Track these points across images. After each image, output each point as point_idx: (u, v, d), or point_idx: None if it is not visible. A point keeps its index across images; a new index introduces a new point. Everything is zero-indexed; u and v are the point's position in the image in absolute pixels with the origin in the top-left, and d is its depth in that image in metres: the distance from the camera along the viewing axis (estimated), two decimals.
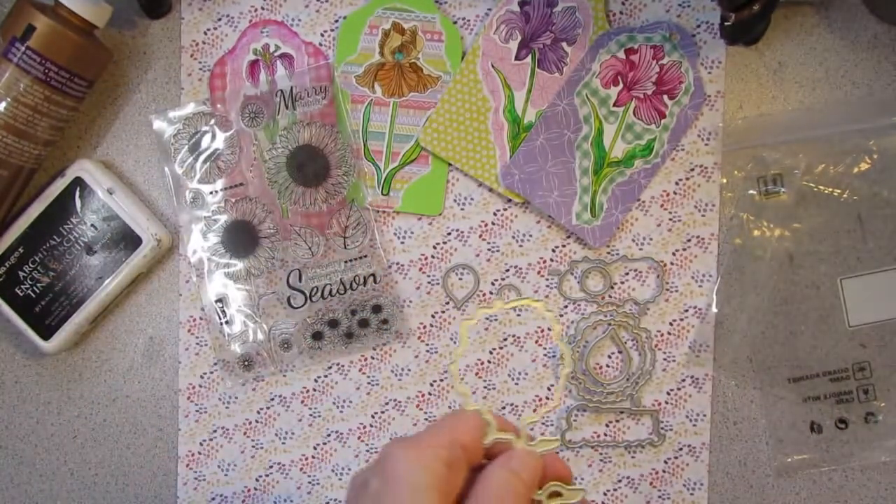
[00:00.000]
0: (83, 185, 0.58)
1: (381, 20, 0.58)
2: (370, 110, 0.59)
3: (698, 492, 0.59)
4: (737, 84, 0.58)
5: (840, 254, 0.57)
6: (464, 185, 0.59)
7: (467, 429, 0.37)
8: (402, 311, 0.59)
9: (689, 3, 0.57)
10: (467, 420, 0.37)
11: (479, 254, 0.59)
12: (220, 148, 0.59)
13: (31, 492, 0.62)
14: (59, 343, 0.58)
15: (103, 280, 0.58)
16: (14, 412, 0.61)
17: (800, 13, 0.58)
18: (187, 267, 0.60)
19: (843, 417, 0.57)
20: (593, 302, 0.59)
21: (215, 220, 0.59)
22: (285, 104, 0.58)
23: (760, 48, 0.58)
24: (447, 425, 0.37)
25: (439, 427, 0.36)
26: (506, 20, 0.58)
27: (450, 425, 0.37)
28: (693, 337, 0.59)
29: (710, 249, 0.58)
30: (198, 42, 0.59)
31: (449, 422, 0.37)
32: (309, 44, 0.59)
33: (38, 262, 0.58)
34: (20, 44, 0.52)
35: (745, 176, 0.57)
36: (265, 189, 0.59)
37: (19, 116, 0.53)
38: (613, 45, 0.57)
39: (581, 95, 0.57)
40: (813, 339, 0.57)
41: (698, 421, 0.59)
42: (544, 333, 0.59)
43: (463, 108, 0.58)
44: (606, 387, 0.59)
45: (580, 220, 0.58)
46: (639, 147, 0.57)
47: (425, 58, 0.58)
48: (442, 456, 0.34)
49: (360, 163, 0.59)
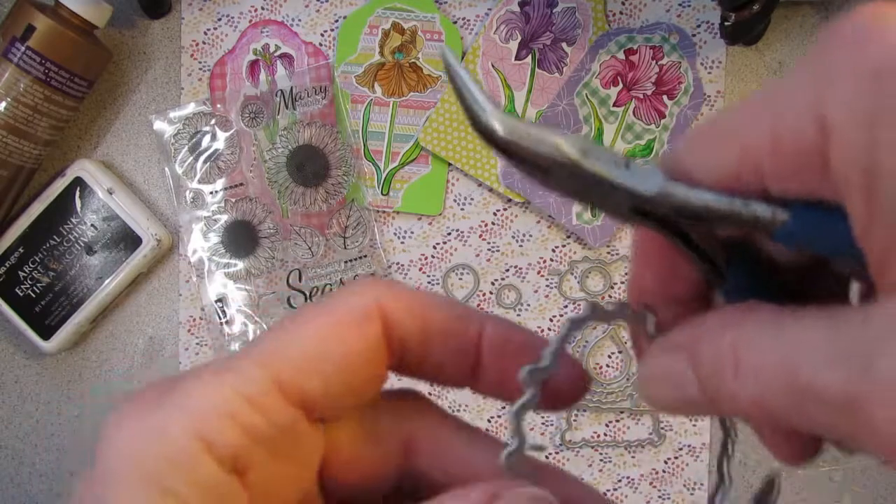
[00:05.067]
0: (83, 185, 0.58)
1: (380, 20, 0.58)
2: (370, 110, 0.59)
3: (698, 492, 0.59)
4: (737, 84, 0.58)
5: None
6: (464, 185, 0.59)
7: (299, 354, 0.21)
8: None
9: (689, 3, 0.57)
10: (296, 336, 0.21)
11: (479, 254, 0.59)
12: (220, 148, 0.59)
13: (31, 492, 0.62)
14: (59, 343, 0.58)
15: (103, 280, 0.58)
16: (14, 412, 0.61)
17: (800, 13, 0.58)
18: (187, 267, 0.60)
19: None
20: (593, 302, 0.59)
21: (215, 220, 0.59)
22: (285, 104, 0.58)
23: (760, 48, 0.58)
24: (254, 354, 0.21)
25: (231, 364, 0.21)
26: (506, 20, 0.58)
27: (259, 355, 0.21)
28: None
29: None
30: (198, 42, 0.59)
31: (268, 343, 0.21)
32: (309, 44, 0.59)
33: (38, 262, 0.58)
34: (20, 44, 0.52)
35: None
36: (265, 189, 0.59)
37: (19, 116, 0.53)
38: (613, 45, 0.57)
39: (581, 95, 0.57)
40: None
41: (698, 421, 0.59)
42: (544, 333, 0.59)
43: None
44: (606, 387, 0.59)
45: (580, 220, 0.58)
46: (639, 147, 0.57)
47: (425, 58, 0.58)
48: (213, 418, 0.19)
49: (360, 163, 0.59)
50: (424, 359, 0.23)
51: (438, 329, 0.23)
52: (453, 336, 0.23)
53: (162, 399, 0.20)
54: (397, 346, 0.22)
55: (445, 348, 0.23)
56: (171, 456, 0.19)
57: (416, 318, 0.22)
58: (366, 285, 0.22)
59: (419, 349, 0.23)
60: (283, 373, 0.20)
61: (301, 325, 0.21)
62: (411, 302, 0.22)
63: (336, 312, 0.22)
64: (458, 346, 0.23)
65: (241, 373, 0.20)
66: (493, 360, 0.23)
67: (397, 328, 0.22)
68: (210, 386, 0.20)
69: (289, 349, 0.21)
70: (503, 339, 0.23)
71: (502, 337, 0.23)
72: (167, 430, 0.19)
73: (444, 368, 0.23)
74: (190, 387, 0.20)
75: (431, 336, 0.22)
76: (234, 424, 0.19)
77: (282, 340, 0.21)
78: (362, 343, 0.21)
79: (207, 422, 0.19)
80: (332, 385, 0.21)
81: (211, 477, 0.19)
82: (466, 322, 0.23)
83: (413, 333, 0.22)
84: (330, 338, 0.21)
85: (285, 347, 0.21)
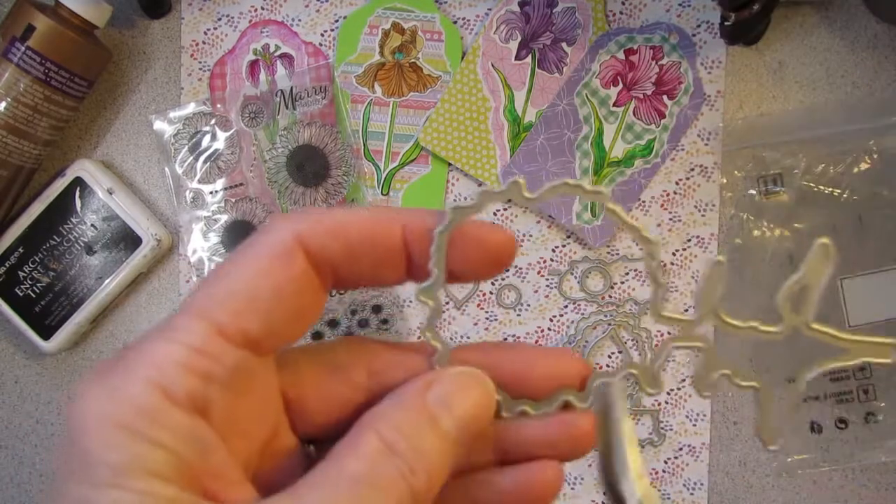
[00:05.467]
0: (83, 185, 0.58)
1: (381, 20, 0.58)
2: (370, 110, 0.59)
3: (698, 492, 0.59)
4: (737, 84, 0.58)
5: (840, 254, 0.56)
6: (464, 185, 0.59)
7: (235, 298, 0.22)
8: (402, 311, 0.59)
9: (689, 3, 0.57)
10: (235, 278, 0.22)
11: None
12: (220, 148, 0.59)
13: (31, 492, 0.62)
14: (59, 343, 0.58)
15: (103, 280, 0.58)
16: (14, 412, 0.61)
17: (800, 13, 0.58)
18: (187, 267, 0.60)
19: (843, 417, 0.57)
20: (593, 302, 0.59)
21: (215, 220, 0.59)
22: (285, 104, 0.58)
23: (760, 48, 0.58)
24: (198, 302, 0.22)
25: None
26: (506, 20, 0.58)
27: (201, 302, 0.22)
28: None
29: (710, 249, 0.58)
30: (198, 42, 0.59)
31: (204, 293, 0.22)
32: (309, 44, 0.59)
33: (38, 262, 0.58)
34: (20, 44, 0.52)
35: (745, 176, 0.57)
36: (265, 189, 0.59)
37: (19, 116, 0.53)
38: (613, 45, 0.57)
39: (581, 95, 0.57)
40: (813, 338, 0.57)
41: (698, 421, 0.59)
42: (544, 333, 0.59)
43: (463, 107, 0.58)
44: None
45: (580, 219, 0.58)
46: (639, 147, 0.57)
47: (425, 58, 0.58)
48: (166, 367, 0.21)
49: (360, 163, 0.59)
50: (358, 271, 0.24)
51: (361, 241, 0.24)
52: (377, 243, 0.24)
53: (119, 364, 0.21)
54: (327, 268, 0.24)
55: (374, 256, 0.24)
56: (137, 406, 0.20)
57: (338, 238, 0.23)
58: (280, 219, 0.23)
59: (349, 265, 0.24)
60: (221, 319, 0.22)
61: (228, 272, 0.23)
62: (328, 224, 0.23)
63: (257, 253, 0.23)
64: (386, 250, 0.24)
65: (183, 328, 0.22)
66: (421, 249, 0.24)
67: (321, 252, 0.23)
68: (158, 344, 0.21)
69: (221, 296, 0.22)
70: (423, 228, 0.24)
71: (421, 226, 0.24)
72: (129, 386, 0.21)
73: (380, 272, 0.25)
74: (142, 349, 0.21)
75: (356, 250, 0.24)
76: (187, 371, 0.21)
77: (213, 289, 0.22)
78: (289, 274, 0.23)
79: (163, 373, 0.21)
80: (271, 320, 0.22)
81: (175, 419, 0.20)
82: (386, 225, 0.24)
83: (338, 253, 0.23)
84: (257, 277, 0.22)
85: (217, 295, 0.22)
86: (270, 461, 0.24)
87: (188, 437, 0.20)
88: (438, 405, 0.23)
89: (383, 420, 0.23)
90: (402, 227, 0.24)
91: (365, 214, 0.24)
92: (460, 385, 0.24)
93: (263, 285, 0.22)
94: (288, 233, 0.23)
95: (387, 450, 0.22)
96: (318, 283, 0.24)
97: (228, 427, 0.22)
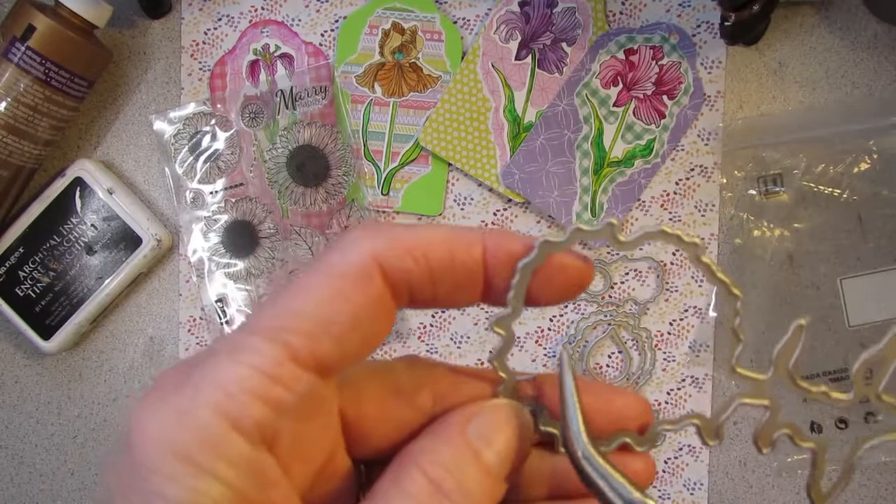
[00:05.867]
0: (83, 185, 0.58)
1: (381, 20, 0.58)
2: (370, 110, 0.59)
3: (698, 492, 0.59)
4: (737, 84, 0.58)
5: (840, 254, 0.57)
6: (464, 185, 0.59)
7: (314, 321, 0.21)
8: (402, 310, 0.59)
9: (689, 3, 0.57)
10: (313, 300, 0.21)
11: None
12: (220, 148, 0.59)
13: (31, 492, 0.62)
14: (59, 343, 0.58)
15: (103, 280, 0.58)
16: (14, 412, 0.61)
17: (800, 13, 0.58)
18: (187, 267, 0.60)
19: (843, 417, 0.57)
20: (593, 302, 0.59)
21: (215, 220, 0.59)
22: (285, 104, 0.58)
23: (760, 48, 0.58)
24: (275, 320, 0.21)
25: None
26: (506, 20, 0.58)
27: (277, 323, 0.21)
28: (693, 337, 0.59)
29: (710, 249, 0.58)
30: (198, 42, 0.59)
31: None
32: (309, 44, 0.59)
33: (38, 262, 0.58)
34: (20, 44, 0.52)
35: (745, 176, 0.57)
36: (265, 189, 0.59)
37: (19, 116, 0.53)
38: (613, 45, 0.57)
39: (581, 96, 0.57)
40: (813, 339, 0.57)
41: None
42: (544, 333, 0.59)
43: (463, 107, 0.58)
44: None
45: (580, 219, 0.58)
46: (639, 147, 0.57)
47: (425, 58, 0.58)
48: (243, 390, 0.20)
49: (360, 163, 0.59)
50: (435, 292, 0.23)
51: (441, 263, 0.23)
52: (458, 265, 0.23)
53: (184, 384, 0.20)
54: (404, 290, 0.23)
55: (454, 279, 0.23)
56: (202, 436, 0.19)
57: (418, 260, 0.22)
58: (358, 240, 0.22)
59: (428, 287, 0.23)
60: (294, 343, 0.21)
61: (301, 290, 0.21)
62: (409, 243, 0.22)
63: (334, 272, 0.22)
64: (466, 273, 0.23)
65: (254, 351, 0.20)
66: (501, 274, 0.24)
67: (400, 275, 0.22)
68: (227, 366, 0.20)
69: (294, 318, 0.21)
70: (506, 253, 0.23)
71: (504, 251, 0.23)
72: (194, 412, 0.19)
73: (456, 294, 0.24)
74: (208, 370, 0.20)
75: (437, 272, 0.23)
76: (256, 399, 0.20)
77: (286, 306, 0.21)
78: (366, 298, 0.22)
79: (231, 400, 0.20)
80: (343, 344, 0.21)
81: (241, 452, 0.19)
82: (468, 246, 0.23)
83: (418, 275, 0.22)
84: (333, 300, 0.21)
85: (291, 317, 0.21)
86: (323, 483, 0.23)
87: (251, 472, 0.20)
88: (478, 439, 0.22)
89: (427, 455, 0.22)
90: (483, 249, 0.23)
91: (446, 233, 0.23)
92: (498, 418, 0.23)
93: (340, 309, 0.21)
94: (367, 253, 0.22)
95: (434, 490, 0.21)
96: (393, 305, 0.23)
97: (291, 456, 0.21)
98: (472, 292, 0.24)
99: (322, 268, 0.22)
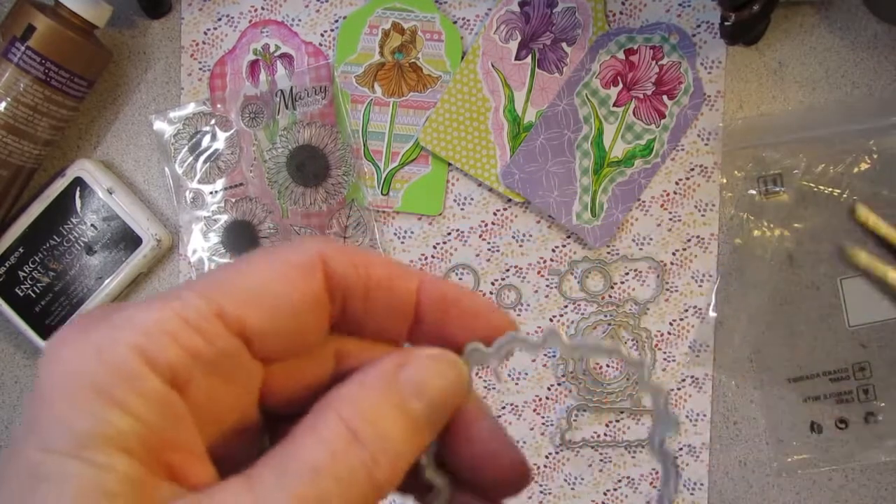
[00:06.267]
0: (83, 185, 0.58)
1: (380, 20, 0.58)
2: (370, 110, 0.59)
3: (698, 492, 0.59)
4: (737, 84, 0.58)
5: (840, 254, 0.57)
6: (464, 184, 0.59)
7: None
8: None
9: (689, 3, 0.57)
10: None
11: (479, 254, 0.59)
12: (220, 148, 0.59)
13: None
14: None
15: (103, 280, 0.58)
16: (14, 412, 0.61)
17: (800, 13, 0.58)
18: (187, 267, 0.60)
19: (843, 417, 0.57)
20: (593, 302, 0.59)
21: (215, 220, 0.59)
22: (285, 104, 0.58)
23: (760, 48, 0.58)
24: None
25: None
26: (506, 20, 0.58)
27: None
28: (693, 337, 0.59)
29: (710, 249, 0.58)
30: (198, 42, 0.59)
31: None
32: (309, 44, 0.59)
33: (38, 262, 0.58)
34: (20, 44, 0.52)
35: (745, 176, 0.57)
36: (265, 189, 0.59)
37: (19, 116, 0.53)
38: (613, 45, 0.57)
39: (581, 95, 0.57)
40: (813, 339, 0.57)
41: (698, 421, 0.59)
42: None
43: (463, 107, 0.58)
44: (606, 387, 0.59)
45: (580, 219, 0.58)
46: (639, 147, 0.57)
47: (425, 58, 0.58)
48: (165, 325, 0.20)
49: (360, 163, 0.59)
50: (365, 312, 0.24)
51: (379, 282, 0.24)
52: (394, 289, 0.24)
53: (104, 320, 0.20)
54: (339, 296, 0.23)
55: (387, 301, 0.24)
56: (115, 368, 0.19)
57: (358, 270, 0.23)
58: (308, 240, 0.23)
59: (361, 302, 0.24)
60: (225, 303, 0.21)
61: (246, 265, 0.22)
62: (353, 256, 0.23)
63: (280, 257, 0.23)
64: (399, 299, 0.24)
65: (183, 300, 0.21)
66: (432, 315, 0.24)
67: (340, 279, 0.23)
68: (152, 310, 0.20)
69: (232, 283, 0.22)
70: (440, 294, 0.24)
71: (439, 291, 0.24)
72: (110, 345, 0.20)
73: (383, 322, 0.24)
74: (133, 310, 0.21)
75: (373, 288, 0.24)
76: (174, 342, 0.20)
77: (227, 275, 0.22)
78: (303, 286, 0.22)
79: (149, 339, 0.20)
80: (273, 322, 0.22)
81: (153, 389, 0.20)
82: (406, 276, 0.24)
83: (356, 285, 0.23)
84: (272, 278, 0.22)
85: (229, 281, 0.22)
86: (231, 437, 0.23)
87: (161, 408, 0.20)
88: (410, 388, 0.22)
89: (347, 402, 0.21)
90: (420, 283, 0.24)
91: (388, 260, 0.24)
92: (435, 368, 0.23)
93: (276, 287, 0.22)
94: (314, 250, 0.23)
95: (351, 437, 0.21)
96: (327, 310, 0.23)
97: (202, 406, 0.21)
98: (400, 322, 0.25)
99: (271, 252, 0.23)
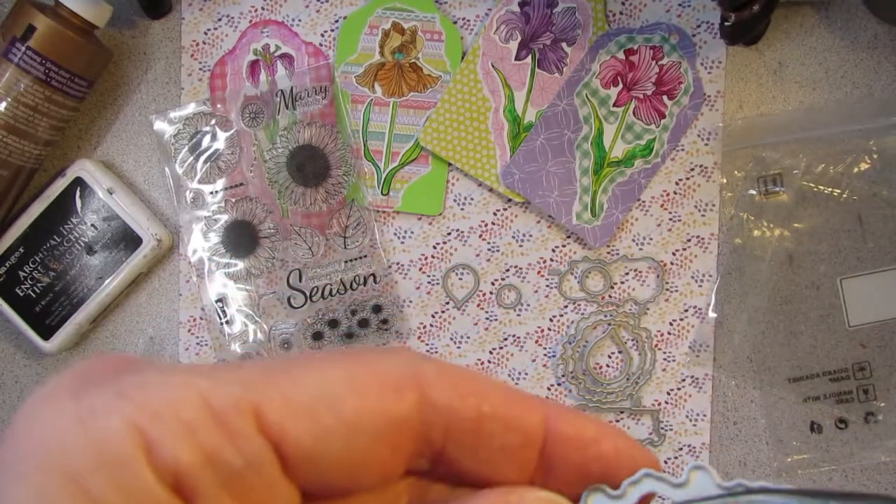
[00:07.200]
0: (83, 185, 0.58)
1: (381, 20, 0.58)
2: (370, 110, 0.59)
3: None
4: (737, 84, 0.58)
5: (840, 254, 0.57)
6: (464, 184, 0.59)
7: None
8: (402, 311, 0.59)
9: (689, 3, 0.57)
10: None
11: (479, 254, 0.59)
12: (220, 148, 0.59)
13: None
14: (59, 343, 0.58)
15: (103, 280, 0.58)
16: (14, 412, 0.61)
17: (800, 13, 0.58)
18: (187, 267, 0.60)
19: (843, 417, 0.57)
20: (593, 302, 0.59)
21: (215, 220, 0.59)
22: (285, 104, 0.58)
23: (760, 48, 0.58)
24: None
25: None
26: (506, 20, 0.58)
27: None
28: (693, 337, 0.59)
29: (710, 249, 0.58)
30: (198, 42, 0.59)
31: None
32: (309, 44, 0.59)
33: (38, 262, 0.58)
34: (20, 44, 0.52)
35: (745, 176, 0.57)
36: (265, 189, 0.59)
37: (19, 116, 0.53)
38: (613, 45, 0.57)
39: (581, 96, 0.57)
40: (813, 339, 0.57)
41: (698, 421, 0.59)
42: (544, 333, 0.59)
43: (463, 107, 0.58)
44: (606, 387, 0.59)
45: (580, 219, 0.58)
46: (639, 147, 0.57)
47: (425, 58, 0.58)
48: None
49: (360, 163, 0.59)
50: (475, 451, 0.18)
51: (495, 413, 0.18)
52: (514, 423, 0.18)
53: (112, 378, 0.15)
54: (439, 432, 0.18)
55: (505, 438, 0.18)
56: (99, 449, 0.14)
57: (467, 399, 0.18)
58: (403, 351, 0.18)
59: (470, 438, 0.18)
60: (268, 402, 0.16)
61: (313, 361, 0.17)
62: (458, 379, 0.18)
63: (361, 363, 0.17)
64: (521, 436, 0.18)
65: (217, 383, 0.16)
66: (562, 461, 0.19)
67: (443, 409, 0.17)
68: (174, 384, 0.15)
69: (285, 379, 0.16)
70: (576, 432, 0.19)
71: (574, 428, 0.19)
72: (103, 419, 0.15)
73: (496, 465, 0.18)
74: (149, 377, 0.15)
75: (487, 421, 0.18)
76: (189, 435, 0.15)
77: (282, 367, 0.17)
78: (381, 407, 0.17)
79: (156, 421, 0.15)
80: (323, 443, 0.16)
81: (144, 488, 0.14)
82: (528, 406, 0.18)
83: (464, 417, 0.18)
84: (343, 384, 0.17)
85: (283, 375, 0.16)
86: None
87: None
88: None
89: None
90: (544, 418, 0.18)
91: (503, 384, 0.18)
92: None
93: (344, 397, 0.16)
94: (410, 364, 0.17)
95: None
96: (409, 444, 0.18)
97: None
98: (520, 468, 0.19)
99: (349, 353, 0.18)
